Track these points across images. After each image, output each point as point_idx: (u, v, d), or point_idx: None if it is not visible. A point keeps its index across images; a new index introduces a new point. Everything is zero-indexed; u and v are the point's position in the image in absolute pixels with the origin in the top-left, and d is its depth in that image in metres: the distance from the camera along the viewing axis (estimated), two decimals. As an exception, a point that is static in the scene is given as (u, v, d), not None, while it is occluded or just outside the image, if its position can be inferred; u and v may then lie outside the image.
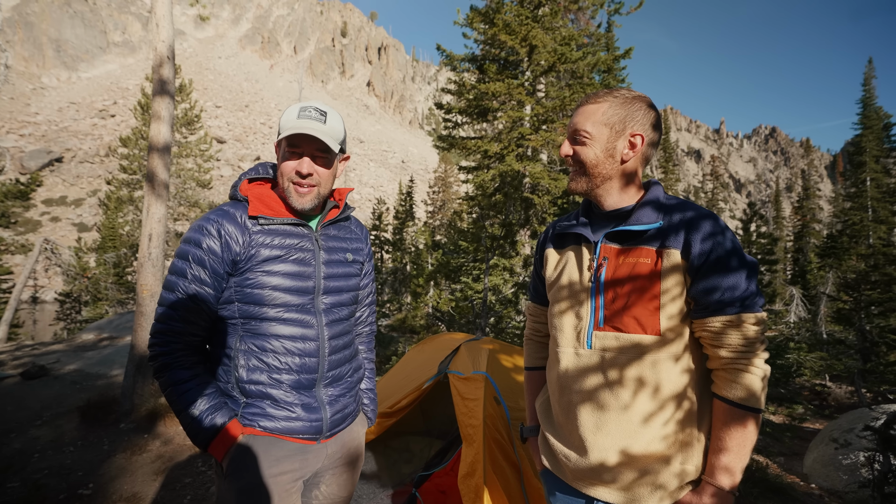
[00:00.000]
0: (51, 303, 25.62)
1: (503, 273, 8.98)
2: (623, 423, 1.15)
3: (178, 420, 1.31)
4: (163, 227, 5.06)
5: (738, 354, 1.09)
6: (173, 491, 3.43)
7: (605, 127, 1.21)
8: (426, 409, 4.13)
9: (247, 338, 1.37)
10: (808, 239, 25.83)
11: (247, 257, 1.35)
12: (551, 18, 10.36)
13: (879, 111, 21.07)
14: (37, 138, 58.57)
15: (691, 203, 1.20)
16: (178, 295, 1.32)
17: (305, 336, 1.41)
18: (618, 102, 1.21)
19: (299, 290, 1.41)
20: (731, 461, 1.07)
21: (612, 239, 1.22)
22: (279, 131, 1.41)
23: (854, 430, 4.96)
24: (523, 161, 10.38)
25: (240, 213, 1.39)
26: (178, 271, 1.33)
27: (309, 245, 1.46)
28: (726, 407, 1.09)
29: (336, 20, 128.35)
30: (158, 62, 5.06)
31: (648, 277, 1.15)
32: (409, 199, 29.89)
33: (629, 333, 1.15)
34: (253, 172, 1.53)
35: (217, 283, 1.35)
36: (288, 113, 1.40)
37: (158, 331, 1.32)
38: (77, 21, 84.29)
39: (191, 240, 1.34)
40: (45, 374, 6.93)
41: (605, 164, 1.22)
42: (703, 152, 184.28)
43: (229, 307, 1.37)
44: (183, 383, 1.30)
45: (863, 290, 8.69)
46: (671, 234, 1.14)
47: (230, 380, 1.37)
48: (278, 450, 1.36)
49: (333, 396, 1.48)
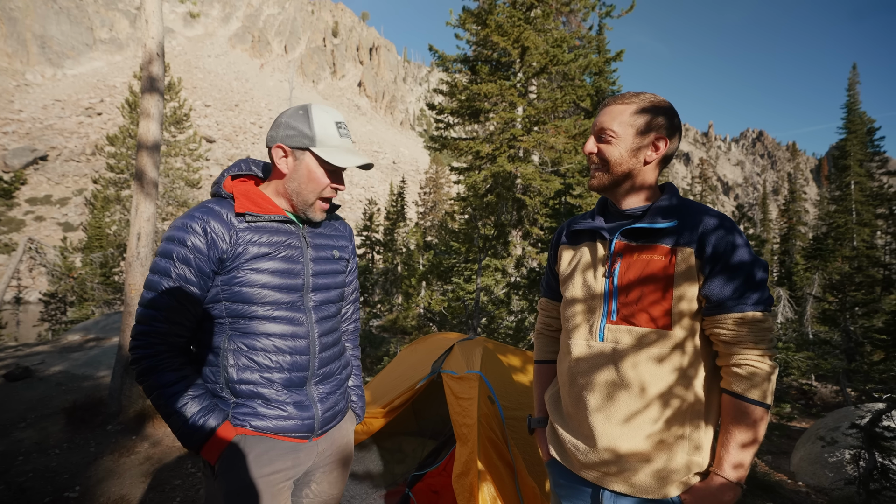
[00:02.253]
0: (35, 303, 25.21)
1: (495, 274, 8.98)
2: (631, 414, 1.18)
3: (168, 424, 1.27)
4: (152, 227, 5.00)
5: (747, 351, 1.12)
6: (162, 493, 3.39)
7: (630, 128, 1.24)
8: (419, 410, 4.12)
9: (236, 337, 1.34)
10: (795, 241, 26.16)
11: (234, 255, 1.32)
12: (543, 20, 10.41)
13: (863, 116, 21.39)
14: (20, 136, 57.61)
15: (705, 205, 1.25)
16: (162, 295, 1.27)
17: (296, 334, 1.40)
18: (645, 105, 1.25)
19: (288, 288, 1.39)
20: (739, 454, 1.11)
21: (627, 236, 1.26)
22: (315, 140, 1.35)
23: (840, 429, 5.04)
24: (515, 162, 10.41)
25: (225, 211, 1.35)
26: (161, 270, 1.28)
27: (297, 242, 1.43)
28: (734, 401, 1.12)
29: (327, 20, 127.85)
30: (148, 59, 5.00)
31: (662, 274, 1.18)
32: (401, 199, 29.84)
33: (641, 327, 1.19)
34: (236, 169, 1.48)
35: (203, 282, 1.31)
36: (324, 124, 1.37)
37: (141, 332, 1.27)
38: (63, 17, 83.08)
39: (174, 238, 1.29)
40: (30, 375, 6.81)
41: (628, 164, 1.26)
42: (691, 155, 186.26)
43: (216, 306, 1.34)
44: (170, 386, 1.25)
45: (847, 291, 8.84)
46: (685, 233, 1.18)
47: (219, 380, 1.34)
48: (270, 449, 1.34)
49: (324, 394, 1.47)
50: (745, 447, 1.11)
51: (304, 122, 1.36)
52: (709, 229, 1.16)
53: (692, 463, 1.16)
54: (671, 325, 1.17)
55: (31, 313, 23.47)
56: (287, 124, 1.37)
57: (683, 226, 1.19)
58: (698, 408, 1.17)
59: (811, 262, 18.79)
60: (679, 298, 1.17)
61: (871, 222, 20.33)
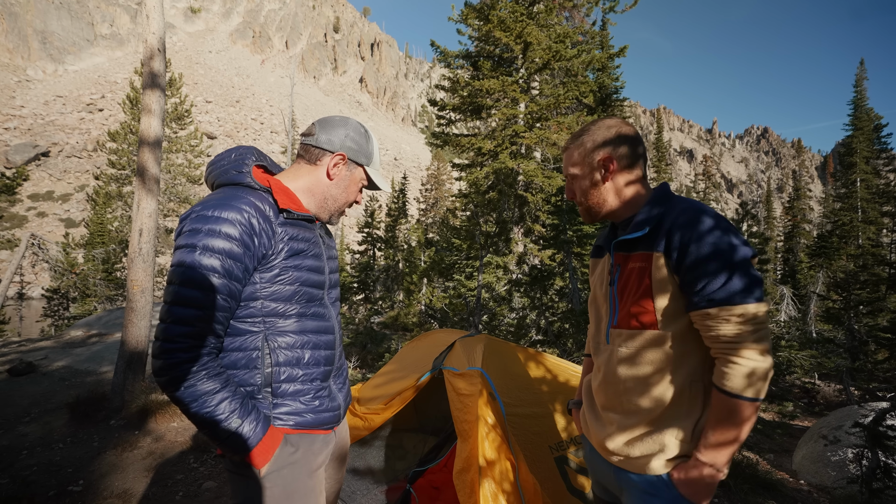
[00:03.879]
0: (38, 299, 25.32)
1: (497, 271, 8.98)
2: (628, 404, 1.33)
3: (208, 434, 1.20)
4: (154, 223, 5.00)
5: (726, 345, 1.16)
6: (165, 487, 3.40)
7: (579, 166, 1.42)
8: (420, 406, 4.12)
9: (274, 335, 1.31)
10: (799, 239, 26.09)
11: (275, 252, 1.29)
12: (546, 16, 10.36)
13: (870, 112, 21.23)
14: (22, 132, 57.73)
15: (680, 200, 1.30)
16: (208, 292, 1.17)
17: (326, 329, 1.44)
18: (577, 142, 1.43)
19: (318, 285, 1.41)
20: (718, 442, 1.18)
21: (620, 247, 1.38)
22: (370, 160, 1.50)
23: (843, 427, 5.03)
24: (517, 159, 10.39)
25: (266, 206, 1.30)
26: (206, 266, 1.17)
27: (318, 241, 1.47)
28: (717, 393, 1.19)
29: (328, 15, 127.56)
30: (149, 55, 4.99)
31: (644, 279, 1.28)
32: (402, 196, 29.81)
33: (632, 329, 1.32)
34: (249, 156, 1.42)
35: (246, 279, 1.26)
36: (376, 148, 1.54)
37: (182, 334, 1.15)
38: (63, 12, 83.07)
39: (219, 232, 1.19)
40: (33, 370, 6.85)
41: (596, 192, 1.41)
42: (695, 152, 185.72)
43: (252, 304, 1.28)
44: (215, 394, 1.18)
45: (852, 289, 8.78)
46: (657, 238, 1.26)
47: (256, 382, 1.30)
48: (312, 443, 1.37)
49: (340, 385, 1.53)
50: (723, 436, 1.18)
51: (366, 142, 1.48)
52: (677, 230, 1.22)
53: (679, 446, 1.27)
54: (657, 325, 1.26)
55: (33, 309, 23.59)
56: (352, 138, 1.45)
57: (655, 230, 1.28)
58: (689, 399, 1.26)
59: (815, 259, 18.76)
60: (659, 300, 1.26)
61: (877, 220, 20.22)
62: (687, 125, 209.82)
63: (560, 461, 2.54)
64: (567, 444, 2.63)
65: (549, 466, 2.47)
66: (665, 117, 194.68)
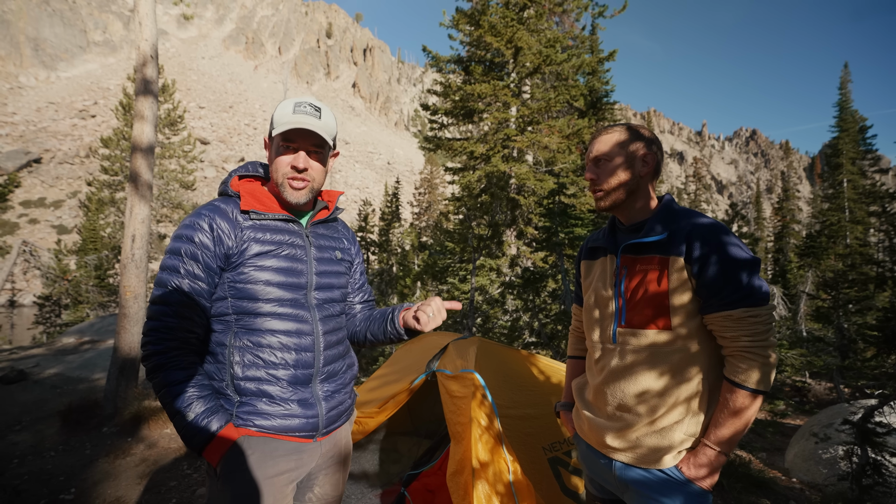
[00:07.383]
0: (29, 306, 25.00)
1: (490, 273, 9.01)
2: (638, 403, 1.38)
3: (172, 423, 1.27)
4: (146, 229, 4.99)
5: (743, 344, 1.25)
6: (158, 494, 3.38)
7: (620, 149, 1.44)
8: (414, 409, 4.13)
9: (241, 334, 1.35)
10: (788, 239, 26.30)
11: (238, 252, 1.36)
12: (536, 20, 10.45)
13: (855, 114, 21.55)
14: (14, 138, 57.18)
15: (695, 212, 1.40)
16: (171, 291, 1.29)
17: (301, 331, 1.41)
18: (628, 131, 1.46)
19: (291, 286, 1.41)
20: (727, 430, 1.27)
21: (629, 250, 1.44)
22: (272, 126, 1.40)
23: (833, 425, 5.09)
24: (509, 162, 10.44)
25: (231, 209, 1.39)
26: (169, 267, 1.31)
27: (300, 241, 1.47)
28: (730, 386, 1.27)
29: (321, 21, 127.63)
30: (142, 61, 4.99)
31: (659, 283, 1.35)
32: (395, 200, 29.79)
33: (645, 330, 1.38)
34: (243, 170, 1.54)
35: (210, 278, 1.34)
36: (282, 108, 1.41)
37: (152, 328, 1.28)
38: (56, 19, 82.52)
39: (182, 235, 1.33)
40: (25, 378, 6.78)
41: (624, 184, 1.44)
42: (685, 154, 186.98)
43: (223, 303, 1.36)
44: (177, 384, 1.25)
45: (841, 288, 8.89)
46: (675, 243, 1.34)
47: (224, 377, 1.34)
48: (274, 450, 1.34)
49: (329, 392, 1.47)
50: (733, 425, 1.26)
51: (275, 112, 1.43)
52: (696, 236, 1.31)
53: (687, 441, 1.34)
54: (671, 327, 1.33)
55: (25, 316, 23.29)
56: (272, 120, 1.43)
57: (673, 235, 1.35)
58: (697, 396, 1.34)
59: (805, 259, 18.92)
60: (675, 302, 1.33)
61: (863, 220, 20.50)
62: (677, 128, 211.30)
63: (554, 462, 2.55)
64: (560, 445, 2.65)
65: (542, 467, 2.48)
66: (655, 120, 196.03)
